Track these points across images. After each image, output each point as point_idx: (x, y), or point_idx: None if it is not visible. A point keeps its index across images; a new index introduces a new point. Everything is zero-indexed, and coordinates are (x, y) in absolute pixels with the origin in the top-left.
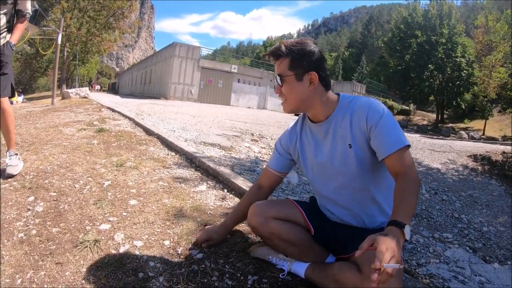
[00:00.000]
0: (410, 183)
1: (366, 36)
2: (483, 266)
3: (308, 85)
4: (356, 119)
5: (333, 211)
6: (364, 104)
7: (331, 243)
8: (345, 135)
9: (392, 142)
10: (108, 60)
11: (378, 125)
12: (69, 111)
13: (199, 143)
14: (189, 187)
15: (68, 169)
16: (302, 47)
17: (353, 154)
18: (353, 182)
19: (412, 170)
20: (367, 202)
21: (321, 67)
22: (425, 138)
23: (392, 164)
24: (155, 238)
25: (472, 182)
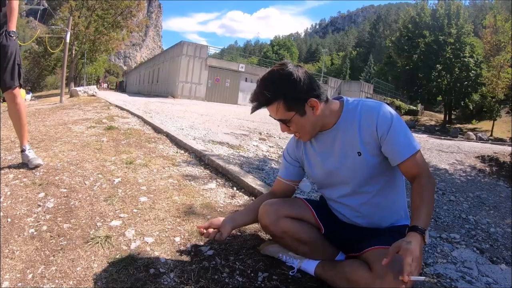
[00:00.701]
0: (426, 184)
1: (373, 35)
2: (490, 267)
3: (312, 112)
4: (365, 125)
5: (344, 213)
6: (373, 110)
7: (341, 242)
8: (354, 142)
9: (404, 149)
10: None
11: (389, 132)
12: (77, 109)
13: (207, 142)
14: (199, 184)
15: (78, 166)
16: (287, 80)
17: (363, 161)
18: (363, 187)
19: (426, 171)
20: (377, 204)
21: (314, 87)
22: (432, 138)
23: (406, 169)
24: (166, 234)
25: (480, 183)
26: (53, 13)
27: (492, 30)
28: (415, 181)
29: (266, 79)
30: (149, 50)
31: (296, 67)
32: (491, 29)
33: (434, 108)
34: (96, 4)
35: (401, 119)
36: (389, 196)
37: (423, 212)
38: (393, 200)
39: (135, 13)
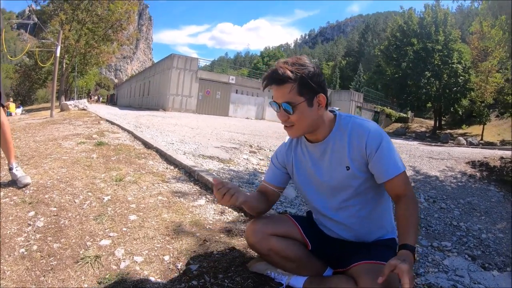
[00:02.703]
0: (411, 204)
1: (362, 44)
2: (482, 273)
3: (317, 108)
4: (355, 143)
5: (330, 227)
6: (364, 129)
7: (329, 257)
8: (343, 157)
9: (390, 169)
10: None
11: (377, 151)
12: (68, 124)
13: (197, 156)
14: (188, 201)
15: (68, 183)
16: (307, 68)
17: (352, 176)
18: (350, 201)
19: (410, 191)
20: (364, 218)
21: (325, 88)
22: (423, 145)
23: (391, 188)
24: (155, 253)
25: (471, 189)
26: (43, 28)
27: (479, 36)
28: (400, 201)
29: (288, 61)
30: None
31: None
32: (478, 34)
33: (424, 115)
34: (86, 17)
35: (390, 140)
36: (375, 210)
37: (411, 231)
38: (379, 215)
39: (125, 26)
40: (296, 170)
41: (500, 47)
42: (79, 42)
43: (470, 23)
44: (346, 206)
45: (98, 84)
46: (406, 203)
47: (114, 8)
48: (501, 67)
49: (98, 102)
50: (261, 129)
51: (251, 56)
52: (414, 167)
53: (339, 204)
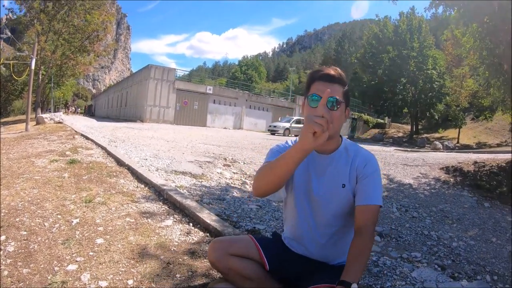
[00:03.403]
0: (366, 241)
1: (339, 52)
2: (450, 284)
3: (344, 116)
4: (357, 164)
5: (303, 241)
6: (368, 156)
7: (289, 278)
8: (343, 174)
9: (372, 195)
10: (84, 82)
11: (369, 176)
12: (42, 139)
13: (170, 172)
14: (156, 222)
15: (38, 205)
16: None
17: (344, 194)
18: (333, 219)
19: (372, 229)
20: (338, 240)
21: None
22: (399, 151)
23: (361, 215)
24: (119, 278)
25: (444, 196)
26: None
27: (453, 42)
28: (357, 235)
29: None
30: (118, 73)
31: None
32: (452, 41)
33: (401, 120)
34: (63, 28)
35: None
36: (347, 235)
37: (356, 268)
38: (347, 243)
39: (102, 36)
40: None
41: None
42: (55, 53)
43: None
44: (328, 224)
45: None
46: (363, 239)
47: (91, 19)
48: (473, 73)
49: (76, 113)
50: (237, 140)
51: (229, 65)
52: (388, 175)
53: (323, 220)
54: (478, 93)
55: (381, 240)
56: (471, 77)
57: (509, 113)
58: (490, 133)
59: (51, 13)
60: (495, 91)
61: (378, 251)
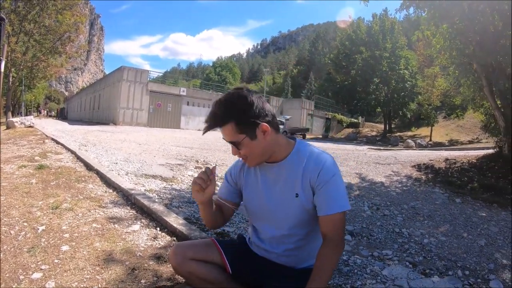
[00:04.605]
0: (334, 250)
1: (313, 53)
2: (421, 281)
3: (263, 137)
4: (309, 172)
5: (265, 247)
6: (320, 161)
7: (252, 281)
8: (295, 183)
9: (332, 204)
10: (56, 84)
11: (325, 184)
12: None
13: (140, 176)
14: (122, 227)
15: (5, 213)
16: (239, 103)
17: (299, 204)
18: (292, 229)
19: (339, 236)
20: (300, 247)
21: (266, 112)
22: (372, 150)
23: (324, 224)
24: (84, 285)
25: (415, 193)
26: None
27: (425, 43)
28: (324, 242)
29: (221, 101)
30: (91, 75)
31: (251, 92)
32: (423, 42)
33: (375, 119)
34: (34, 29)
35: (342, 178)
36: (314, 242)
37: (322, 275)
38: (315, 246)
39: (74, 38)
40: (246, 189)
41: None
42: (26, 55)
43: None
44: (288, 234)
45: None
46: (329, 246)
47: (63, 19)
48: (443, 73)
49: (48, 116)
50: (210, 142)
51: (203, 66)
52: (360, 174)
53: (282, 230)
54: (449, 92)
55: (352, 239)
56: (442, 76)
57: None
58: (462, 131)
59: (22, 13)
60: (465, 90)
61: (349, 250)
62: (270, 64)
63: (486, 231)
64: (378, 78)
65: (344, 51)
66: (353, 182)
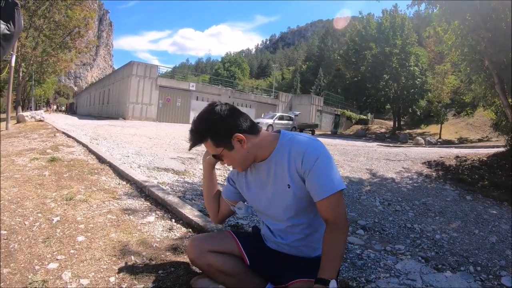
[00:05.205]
0: (338, 234)
1: (322, 49)
2: (434, 275)
3: (240, 146)
4: (293, 161)
5: (276, 239)
6: (301, 147)
7: (270, 272)
8: (284, 175)
9: (323, 188)
10: (66, 79)
11: (311, 169)
12: (23, 137)
13: (152, 169)
14: (137, 218)
15: (18, 204)
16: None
17: (292, 194)
18: (295, 219)
19: (340, 218)
20: (307, 235)
21: (238, 122)
22: (382, 147)
23: (321, 209)
24: (101, 275)
25: (426, 189)
26: None
27: (435, 40)
28: (327, 228)
29: (195, 121)
30: (100, 70)
31: (222, 106)
32: (434, 38)
33: (384, 116)
34: (43, 24)
35: (329, 158)
36: (320, 228)
37: (331, 264)
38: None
39: (83, 33)
40: (247, 189)
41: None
42: (36, 50)
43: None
44: (292, 225)
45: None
46: (331, 231)
47: (72, 15)
48: (454, 70)
49: (58, 111)
50: None
51: (212, 62)
52: (371, 170)
53: (285, 222)
54: (460, 90)
55: (365, 234)
56: (453, 73)
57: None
58: (471, 129)
59: (32, 8)
60: (477, 87)
61: (362, 244)
62: (279, 60)
63: (497, 228)
64: (388, 75)
65: (354, 47)
66: (364, 177)
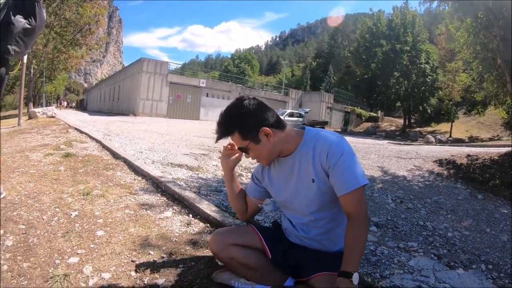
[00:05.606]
0: (360, 227)
1: (332, 46)
2: (447, 272)
3: (267, 140)
4: (318, 156)
5: (298, 233)
6: (326, 143)
7: (291, 266)
8: (309, 170)
9: (346, 183)
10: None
11: (336, 164)
12: (36, 133)
13: (166, 165)
14: (155, 213)
15: (35, 199)
16: (239, 114)
17: (316, 189)
18: (318, 213)
19: (362, 212)
20: (330, 230)
21: (265, 117)
22: (392, 144)
23: (344, 204)
24: (122, 269)
25: (438, 188)
26: None
27: (447, 37)
28: (349, 222)
29: (223, 114)
30: (110, 66)
31: (250, 100)
32: (445, 35)
33: (394, 114)
34: (54, 21)
35: (353, 154)
36: (342, 223)
37: (353, 257)
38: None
39: (94, 30)
40: (271, 185)
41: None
42: (47, 46)
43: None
44: (314, 219)
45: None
46: (354, 225)
47: (83, 12)
48: (466, 68)
49: (68, 107)
50: None
51: (222, 58)
52: (382, 167)
53: (308, 216)
54: (471, 88)
55: (378, 230)
56: (464, 71)
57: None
58: (482, 128)
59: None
60: (488, 86)
61: (375, 241)
62: (288, 57)
63: (508, 227)
64: (399, 72)
65: (364, 44)
66: (376, 175)
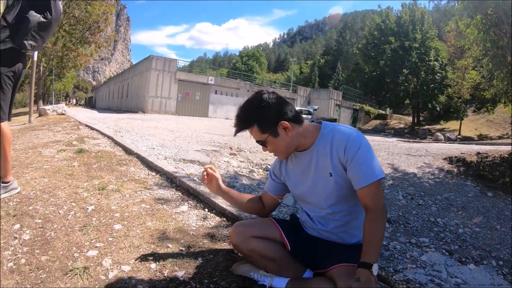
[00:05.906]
0: (377, 219)
1: (341, 43)
2: (459, 267)
3: (285, 133)
4: (335, 150)
5: (316, 226)
6: (343, 137)
7: (309, 258)
8: (326, 164)
9: (364, 176)
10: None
11: (354, 158)
12: (47, 130)
13: (178, 161)
14: (171, 208)
15: (51, 194)
16: (257, 107)
17: (333, 182)
18: (335, 206)
19: (379, 205)
20: (347, 222)
21: (284, 110)
22: (402, 142)
23: (362, 197)
24: (141, 262)
25: (448, 185)
26: None
27: (456, 34)
28: (367, 215)
29: (242, 107)
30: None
31: (269, 94)
32: (454, 32)
33: (403, 111)
34: (63, 19)
35: (370, 148)
36: (359, 215)
37: (372, 248)
38: (362, 219)
39: (103, 27)
40: (288, 179)
41: (476, 45)
42: (56, 45)
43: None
44: (332, 212)
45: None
46: (372, 218)
47: (92, 10)
48: (476, 65)
49: (77, 105)
50: None
51: (230, 56)
52: (392, 164)
53: (326, 209)
54: (481, 85)
55: (390, 226)
56: (474, 68)
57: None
58: (492, 126)
59: None
60: (499, 83)
61: (388, 236)
62: (297, 54)
63: None
64: (407, 69)
65: (372, 41)
66: (386, 172)
